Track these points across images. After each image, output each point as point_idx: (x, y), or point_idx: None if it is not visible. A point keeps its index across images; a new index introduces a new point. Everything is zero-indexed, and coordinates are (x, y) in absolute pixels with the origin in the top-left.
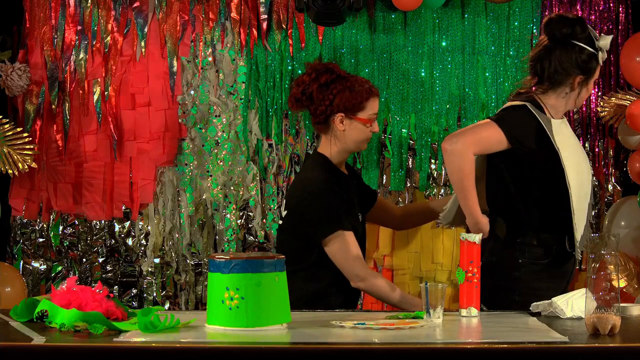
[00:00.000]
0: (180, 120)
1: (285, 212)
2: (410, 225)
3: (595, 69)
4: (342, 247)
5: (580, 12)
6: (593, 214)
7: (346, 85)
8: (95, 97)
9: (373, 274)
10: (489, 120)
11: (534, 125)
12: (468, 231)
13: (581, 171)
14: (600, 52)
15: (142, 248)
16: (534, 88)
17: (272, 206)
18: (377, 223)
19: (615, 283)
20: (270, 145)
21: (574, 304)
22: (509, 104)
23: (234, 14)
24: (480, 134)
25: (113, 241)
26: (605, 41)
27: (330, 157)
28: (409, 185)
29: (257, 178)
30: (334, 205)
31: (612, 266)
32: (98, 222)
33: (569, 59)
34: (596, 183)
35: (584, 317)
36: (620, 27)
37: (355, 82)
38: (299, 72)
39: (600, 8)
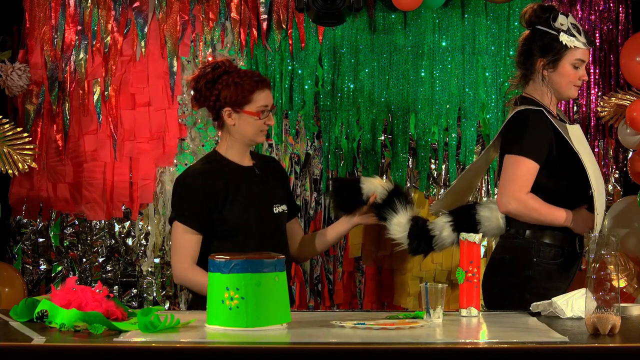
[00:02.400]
0: (180, 120)
1: None
2: (304, 257)
3: (559, 51)
4: (174, 238)
5: (580, 12)
6: None
7: (232, 79)
8: (95, 97)
9: (187, 269)
10: (514, 156)
11: (550, 131)
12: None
13: (597, 176)
14: (563, 34)
15: (142, 248)
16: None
17: None
18: None
19: (615, 283)
20: (270, 145)
21: (574, 304)
22: (518, 108)
23: (234, 14)
24: (518, 176)
25: (113, 241)
26: (561, 20)
27: (223, 153)
28: (409, 185)
29: None
30: (184, 196)
31: (612, 266)
32: (98, 222)
33: (530, 42)
34: (604, 185)
35: (584, 317)
36: (620, 27)
37: (244, 75)
38: (299, 72)
39: (600, 8)
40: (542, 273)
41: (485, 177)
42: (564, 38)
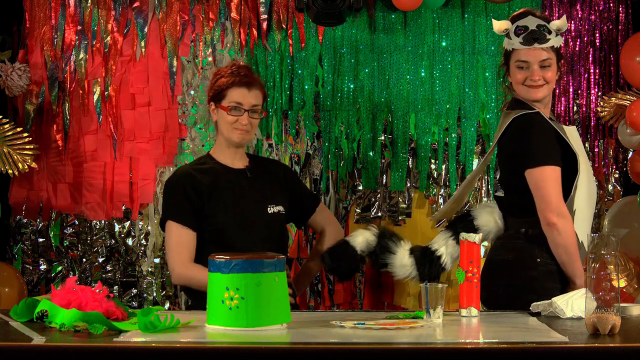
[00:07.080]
0: (180, 120)
1: None
2: None
3: (505, 55)
4: (167, 238)
5: (580, 12)
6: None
7: (215, 75)
8: (95, 97)
9: (187, 267)
10: (537, 169)
11: (553, 133)
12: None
13: (590, 179)
14: (505, 38)
15: (142, 248)
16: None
17: None
18: None
19: (615, 283)
20: (270, 145)
21: (574, 304)
22: (514, 115)
23: (234, 14)
24: (552, 188)
25: (113, 241)
26: (498, 26)
27: (214, 155)
28: (409, 185)
29: None
30: (171, 196)
31: (612, 266)
32: (98, 222)
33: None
34: (596, 183)
35: (584, 317)
36: (620, 27)
37: (229, 71)
38: (299, 72)
39: (600, 8)
40: (546, 273)
41: (486, 177)
42: (504, 42)
